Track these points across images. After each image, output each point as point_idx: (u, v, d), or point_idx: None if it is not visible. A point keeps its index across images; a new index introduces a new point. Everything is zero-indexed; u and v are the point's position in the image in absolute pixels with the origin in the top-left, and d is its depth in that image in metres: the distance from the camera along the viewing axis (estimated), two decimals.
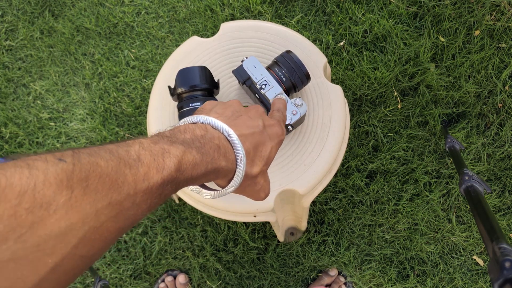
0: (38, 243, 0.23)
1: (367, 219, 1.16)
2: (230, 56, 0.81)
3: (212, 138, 0.37)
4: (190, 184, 0.35)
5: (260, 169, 0.42)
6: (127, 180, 0.28)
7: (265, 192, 0.46)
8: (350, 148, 1.19)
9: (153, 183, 0.30)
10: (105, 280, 1.01)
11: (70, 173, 0.25)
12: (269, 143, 0.43)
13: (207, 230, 1.16)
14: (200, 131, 0.37)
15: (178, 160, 0.32)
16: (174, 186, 0.32)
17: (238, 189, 0.42)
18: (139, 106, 1.28)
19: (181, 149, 0.33)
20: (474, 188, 0.70)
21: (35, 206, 0.23)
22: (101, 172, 0.26)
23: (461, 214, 1.15)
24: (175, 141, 0.34)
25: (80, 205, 0.25)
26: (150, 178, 0.29)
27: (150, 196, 0.30)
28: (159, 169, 0.30)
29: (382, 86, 1.21)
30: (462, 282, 1.12)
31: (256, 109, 0.46)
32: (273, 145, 0.44)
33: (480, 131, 1.19)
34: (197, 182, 0.36)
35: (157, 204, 0.31)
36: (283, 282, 1.14)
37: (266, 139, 0.43)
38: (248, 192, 0.44)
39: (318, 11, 1.31)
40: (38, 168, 0.24)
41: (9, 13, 1.41)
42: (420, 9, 1.26)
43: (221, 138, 0.38)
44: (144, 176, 0.29)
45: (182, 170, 0.32)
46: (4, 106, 1.32)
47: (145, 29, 1.35)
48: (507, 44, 1.21)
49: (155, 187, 0.30)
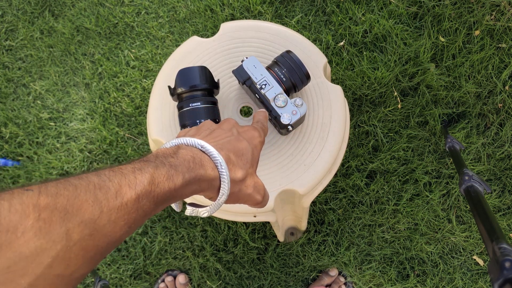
0: (8, 265, 0.24)
1: (367, 219, 1.16)
2: (230, 56, 0.81)
3: (185, 153, 0.38)
4: (174, 198, 0.36)
5: (246, 172, 0.43)
6: (98, 199, 0.29)
7: (260, 194, 0.46)
8: (350, 148, 1.19)
9: (127, 199, 0.31)
10: (105, 280, 1.01)
11: (36, 199, 0.26)
12: (248, 146, 0.45)
13: (207, 230, 1.17)
14: (172, 150, 0.39)
15: (150, 175, 0.33)
16: (152, 200, 0.33)
17: (231, 197, 0.43)
18: (139, 106, 1.28)
19: (153, 165, 0.35)
20: (474, 188, 0.70)
21: (1, 231, 0.24)
22: (69, 195, 0.28)
23: (461, 214, 1.15)
24: (147, 160, 0.36)
25: (49, 226, 0.26)
26: (123, 195, 0.31)
27: (126, 212, 0.31)
28: (131, 185, 0.32)
29: (382, 86, 1.21)
30: (462, 282, 1.12)
31: (228, 121, 0.48)
32: (253, 147, 0.45)
33: (480, 131, 1.19)
34: (180, 196, 0.37)
35: (137, 220, 0.32)
36: (283, 282, 1.14)
37: (244, 143, 0.44)
38: (242, 197, 0.45)
39: (318, 11, 1.31)
40: (3, 199, 0.26)
41: (9, 13, 1.41)
42: (420, 9, 1.26)
43: (195, 151, 0.40)
44: (116, 193, 0.31)
45: (156, 184, 0.34)
46: (4, 106, 1.32)
47: (145, 29, 1.35)
48: (507, 44, 1.21)
49: (130, 203, 0.31)
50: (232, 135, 0.45)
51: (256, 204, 0.47)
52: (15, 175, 1.25)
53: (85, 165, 1.24)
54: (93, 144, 1.26)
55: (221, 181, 0.40)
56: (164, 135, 0.77)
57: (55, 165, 1.24)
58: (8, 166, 1.25)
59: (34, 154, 1.27)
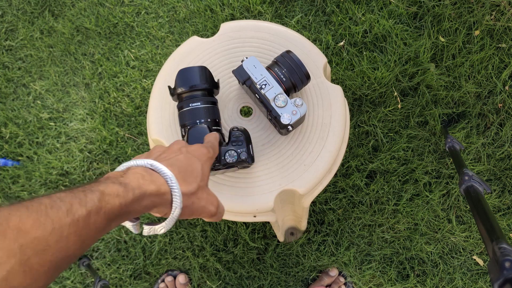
0: None
1: (367, 219, 1.16)
2: (230, 56, 0.81)
3: (135, 172, 0.41)
4: (126, 214, 0.39)
5: (198, 185, 0.46)
6: (50, 216, 0.32)
7: (213, 205, 0.49)
8: (350, 148, 1.19)
9: (78, 215, 0.33)
10: (105, 280, 1.01)
11: None
12: (197, 162, 0.48)
13: (207, 230, 1.17)
14: (123, 171, 0.42)
15: (100, 193, 0.36)
16: (104, 217, 0.36)
17: (185, 210, 0.45)
18: (139, 106, 1.28)
19: (103, 184, 0.37)
20: (474, 188, 0.70)
21: None
22: (21, 215, 0.31)
23: (461, 214, 1.15)
24: (96, 180, 0.39)
25: (3, 243, 0.29)
26: (73, 212, 0.33)
27: (78, 228, 0.33)
28: (81, 203, 0.34)
29: (382, 86, 1.21)
30: (462, 282, 1.12)
31: (177, 142, 0.52)
32: (202, 163, 0.49)
33: (480, 131, 1.19)
34: (133, 212, 0.39)
35: (89, 236, 0.35)
36: (283, 282, 1.14)
37: (193, 159, 0.48)
38: (196, 210, 0.47)
39: (318, 11, 1.31)
40: None
41: (9, 13, 1.41)
42: (420, 9, 1.26)
43: (144, 169, 0.42)
44: (67, 211, 0.33)
45: (106, 200, 0.36)
46: (4, 106, 1.32)
47: (145, 29, 1.35)
48: (507, 44, 1.21)
49: (81, 219, 0.34)
50: (180, 153, 0.48)
51: (211, 216, 0.49)
52: (15, 175, 1.25)
53: (85, 165, 1.24)
54: (93, 144, 1.26)
55: (173, 194, 0.43)
56: (164, 135, 0.77)
57: (55, 165, 1.24)
58: (8, 166, 1.25)
59: (34, 154, 1.27)
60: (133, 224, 0.45)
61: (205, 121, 0.66)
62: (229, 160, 0.65)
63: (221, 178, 0.74)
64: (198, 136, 0.63)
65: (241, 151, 0.65)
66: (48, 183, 1.24)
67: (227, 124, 0.77)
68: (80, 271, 1.17)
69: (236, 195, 0.73)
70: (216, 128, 0.67)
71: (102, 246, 1.19)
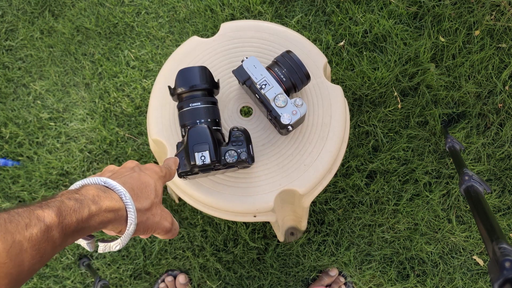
0: None
1: (367, 219, 1.16)
2: (230, 56, 0.81)
3: (89, 189, 0.42)
4: (83, 230, 0.40)
5: (152, 202, 0.47)
6: (9, 230, 0.33)
7: (167, 220, 0.50)
8: (350, 148, 1.19)
9: (37, 230, 0.34)
10: (105, 280, 1.01)
11: None
12: (150, 179, 0.49)
13: (207, 230, 1.17)
14: (77, 189, 0.43)
15: (57, 208, 0.37)
16: (62, 232, 0.37)
17: (140, 226, 0.46)
18: (139, 106, 1.28)
19: (59, 200, 0.38)
20: (474, 188, 0.70)
21: None
22: None
23: (461, 214, 1.15)
24: (52, 196, 0.40)
25: None
26: (32, 226, 0.34)
27: (36, 243, 0.34)
28: (40, 218, 0.35)
29: (382, 86, 1.21)
30: (462, 282, 1.12)
31: (131, 162, 0.53)
32: (155, 180, 0.50)
33: (480, 131, 1.19)
34: (89, 228, 0.40)
35: (47, 251, 0.36)
36: (283, 282, 1.14)
37: (146, 177, 0.49)
38: (151, 226, 0.48)
39: (318, 11, 1.31)
40: None
41: (9, 13, 1.41)
42: (420, 9, 1.26)
43: (99, 187, 0.43)
44: (26, 225, 0.34)
45: (64, 215, 0.37)
46: (4, 106, 1.32)
47: (145, 29, 1.35)
48: (507, 44, 1.21)
49: (40, 233, 0.34)
50: (133, 171, 0.49)
51: (167, 232, 0.50)
52: (15, 175, 1.25)
53: (85, 165, 1.24)
54: (93, 144, 1.26)
55: (127, 210, 0.44)
56: (164, 135, 0.77)
57: (55, 165, 1.24)
58: (8, 166, 1.25)
59: (34, 154, 1.27)
60: (88, 242, 0.45)
61: (205, 121, 0.66)
62: (229, 160, 0.65)
63: (221, 178, 0.74)
64: (198, 136, 0.63)
65: (241, 151, 0.65)
66: (48, 183, 1.24)
67: (227, 124, 0.77)
68: (80, 271, 1.17)
69: (236, 195, 0.73)
70: (216, 128, 0.67)
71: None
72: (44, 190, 1.23)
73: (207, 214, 1.15)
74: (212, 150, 0.63)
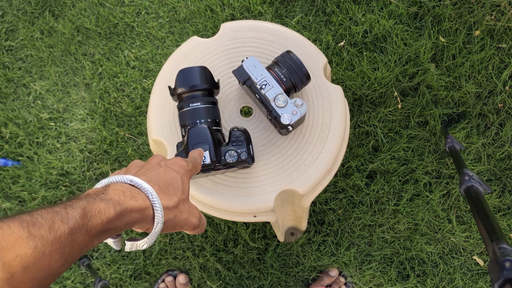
0: None
1: (367, 219, 1.16)
2: (230, 56, 0.81)
3: (115, 189, 0.41)
4: (108, 231, 0.38)
5: (179, 199, 0.46)
6: (32, 234, 0.32)
7: (195, 217, 0.49)
8: (350, 148, 1.19)
9: (61, 233, 0.33)
10: (105, 280, 1.01)
11: None
12: (177, 175, 0.48)
13: (207, 230, 1.17)
14: (103, 188, 0.42)
15: (82, 209, 0.36)
16: (86, 234, 0.36)
17: (167, 224, 0.45)
18: (139, 106, 1.28)
19: (84, 201, 0.37)
20: (474, 188, 0.70)
21: None
22: (3, 233, 0.31)
23: (461, 214, 1.15)
24: (78, 198, 0.38)
25: None
26: (56, 229, 0.33)
27: (60, 246, 0.33)
28: (63, 220, 0.34)
29: (382, 86, 1.21)
30: (462, 282, 1.11)
31: (156, 156, 0.51)
32: (181, 175, 0.48)
33: (480, 131, 1.19)
34: (115, 229, 0.39)
35: (72, 253, 0.35)
36: (283, 282, 1.14)
37: (172, 173, 0.47)
38: (179, 223, 0.47)
39: (318, 11, 1.31)
40: None
41: (9, 13, 1.41)
42: (420, 9, 1.26)
43: (125, 186, 0.42)
44: (49, 228, 0.33)
45: (88, 217, 0.36)
46: (4, 106, 1.32)
47: (145, 29, 1.35)
48: (507, 44, 1.21)
49: (64, 237, 0.34)
50: (160, 167, 0.48)
51: (194, 228, 0.49)
52: (15, 175, 1.25)
53: (85, 165, 1.24)
54: (93, 144, 1.26)
55: (154, 209, 0.42)
56: (164, 135, 0.77)
57: (55, 165, 1.25)
58: (8, 166, 1.25)
59: (34, 154, 1.27)
60: (115, 241, 0.45)
61: (205, 121, 0.66)
62: (229, 160, 0.65)
63: (221, 178, 0.74)
64: (198, 136, 0.63)
65: (241, 151, 0.65)
66: (48, 183, 1.24)
67: (227, 124, 0.77)
68: (80, 271, 1.17)
69: (236, 195, 0.73)
70: (216, 128, 0.67)
71: (102, 246, 1.19)
72: (44, 190, 1.23)
73: (207, 214, 1.15)
74: (212, 150, 0.63)
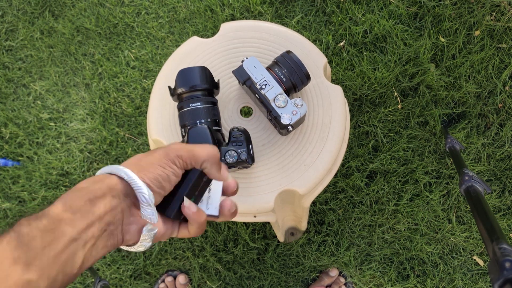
0: None
1: (367, 219, 1.16)
2: (230, 56, 0.81)
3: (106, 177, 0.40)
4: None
5: None
6: (32, 246, 0.32)
7: None
8: (350, 148, 1.19)
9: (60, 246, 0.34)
10: (105, 280, 1.01)
11: None
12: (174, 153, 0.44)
13: (207, 231, 1.16)
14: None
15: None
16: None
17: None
18: (139, 106, 1.28)
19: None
20: (474, 188, 0.70)
21: None
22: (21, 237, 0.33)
23: (461, 214, 1.15)
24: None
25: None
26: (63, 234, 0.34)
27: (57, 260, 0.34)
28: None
29: (382, 87, 1.21)
30: (462, 282, 1.11)
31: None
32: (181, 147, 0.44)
33: (480, 131, 1.19)
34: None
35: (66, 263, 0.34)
36: (283, 282, 1.14)
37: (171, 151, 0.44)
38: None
39: (318, 11, 1.31)
40: None
41: (9, 14, 1.41)
42: (420, 10, 1.26)
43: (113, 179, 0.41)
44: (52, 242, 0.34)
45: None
46: (4, 106, 1.32)
47: (145, 30, 1.35)
48: (507, 44, 1.21)
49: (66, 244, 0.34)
50: (158, 155, 0.45)
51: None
52: (15, 175, 1.25)
53: (85, 165, 1.24)
54: (93, 145, 1.26)
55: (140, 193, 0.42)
56: (164, 135, 0.77)
57: (55, 165, 1.24)
58: (8, 166, 1.25)
59: (34, 154, 1.27)
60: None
61: (205, 121, 0.66)
62: (229, 160, 0.65)
63: None
64: (198, 136, 0.63)
65: (241, 151, 0.65)
66: (48, 183, 1.24)
67: (227, 124, 0.77)
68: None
69: (236, 195, 0.73)
70: (216, 128, 0.67)
71: None
72: (44, 190, 1.23)
73: None
74: None
